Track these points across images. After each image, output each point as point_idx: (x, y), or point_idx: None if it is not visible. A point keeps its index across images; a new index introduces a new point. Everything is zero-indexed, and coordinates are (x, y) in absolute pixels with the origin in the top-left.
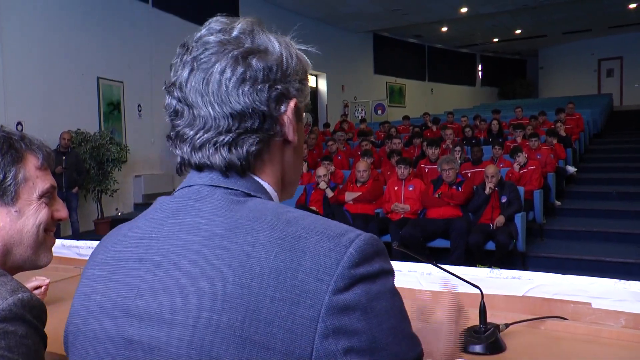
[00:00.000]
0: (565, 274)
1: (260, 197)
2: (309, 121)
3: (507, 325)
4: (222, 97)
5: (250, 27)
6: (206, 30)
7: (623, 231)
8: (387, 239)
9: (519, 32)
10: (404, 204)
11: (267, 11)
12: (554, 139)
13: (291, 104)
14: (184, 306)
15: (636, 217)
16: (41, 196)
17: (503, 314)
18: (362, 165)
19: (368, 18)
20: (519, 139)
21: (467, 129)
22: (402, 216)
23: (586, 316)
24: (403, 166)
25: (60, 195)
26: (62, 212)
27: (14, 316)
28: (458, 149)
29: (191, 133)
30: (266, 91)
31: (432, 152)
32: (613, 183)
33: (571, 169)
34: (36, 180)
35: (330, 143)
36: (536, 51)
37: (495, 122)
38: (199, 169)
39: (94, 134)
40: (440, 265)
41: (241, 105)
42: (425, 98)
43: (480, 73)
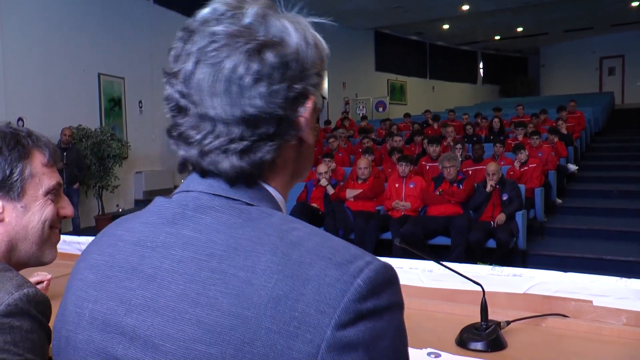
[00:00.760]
0: (566, 272)
1: (264, 207)
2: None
3: (508, 323)
4: (233, 98)
5: (263, 12)
6: (211, 13)
7: (624, 229)
8: (387, 236)
9: (520, 29)
10: (404, 201)
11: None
12: (556, 137)
13: (309, 104)
14: (175, 334)
15: (637, 215)
16: (47, 193)
17: (504, 312)
18: (363, 163)
19: (369, 15)
20: (520, 137)
21: (468, 127)
22: (402, 214)
23: (587, 314)
24: (404, 163)
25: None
26: (67, 209)
27: (19, 311)
28: (459, 146)
29: (198, 137)
30: (284, 92)
31: (433, 149)
32: (614, 181)
33: (572, 167)
34: (42, 176)
35: (331, 140)
36: (537, 49)
37: (496, 119)
38: (203, 173)
39: (95, 130)
40: (442, 262)
41: (256, 108)
42: (426, 95)
43: (482, 71)
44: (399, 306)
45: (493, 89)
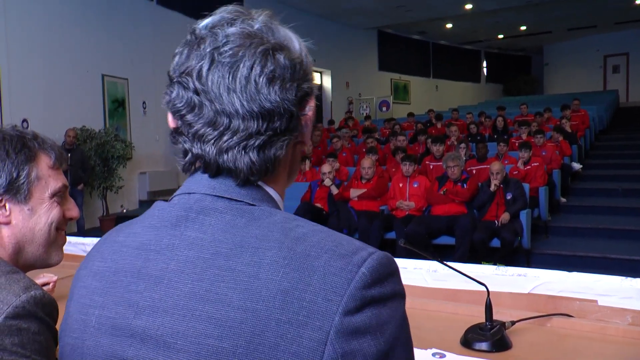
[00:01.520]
0: (570, 271)
1: (266, 207)
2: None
3: (513, 323)
4: (251, 94)
5: (269, 22)
6: (219, 20)
7: (629, 228)
8: (391, 235)
9: (523, 28)
10: (408, 201)
11: (272, 8)
12: (560, 135)
13: (312, 104)
14: (186, 331)
15: None
16: (53, 195)
17: (509, 312)
18: (367, 162)
19: (371, 15)
20: (524, 136)
21: (472, 126)
22: (406, 213)
23: (592, 314)
24: (408, 163)
25: None
26: (73, 211)
27: (27, 313)
28: (463, 145)
29: (215, 133)
30: (294, 90)
31: (436, 149)
32: (618, 180)
33: (576, 166)
34: (49, 179)
35: (334, 140)
36: (541, 48)
37: (500, 118)
38: (217, 171)
39: (99, 131)
40: (446, 262)
41: (271, 103)
42: (429, 95)
43: (485, 70)
44: (401, 295)
45: (496, 87)
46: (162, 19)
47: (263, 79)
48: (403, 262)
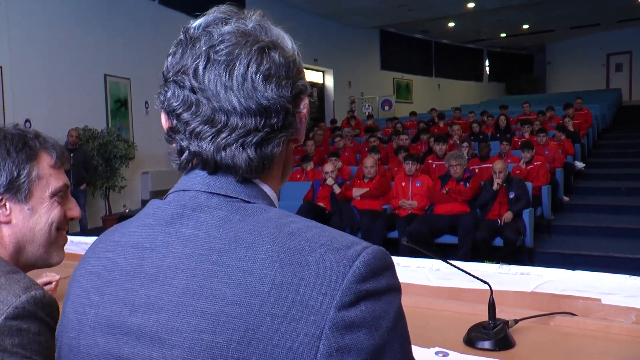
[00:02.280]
0: (573, 269)
1: (260, 204)
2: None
3: (516, 321)
4: (248, 91)
5: (262, 21)
6: (213, 19)
7: (632, 227)
8: (394, 235)
9: (526, 27)
10: (411, 200)
11: (274, 7)
12: (562, 134)
13: (306, 101)
14: (180, 327)
15: None
16: (54, 194)
17: (512, 310)
18: (370, 161)
19: (373, 14)
20: (526, 135)
21: (475, 125)
22: (409, 212)
23: (596, 312)
24: (410, 162)
25: None
26: (74, 210)
27: (27, 314)
28: (465, 144)
29: (213, 131)
30: (290, 87)
31: (439, 148)
32: (622, 178)
33: (579, 165)
34: (49, 178)
35: (337, 139)
36: (543, 46)
37: (502, 117)
38: (215, 168)
39: (102, 131)
40: (449, 261)
41: (268, 100)
42: (432, 94)
43: (487, 68)
44: (396, 289)
45: (499, 86)
46: (164, 18)
47: (259, 76)
48: (406, 260)
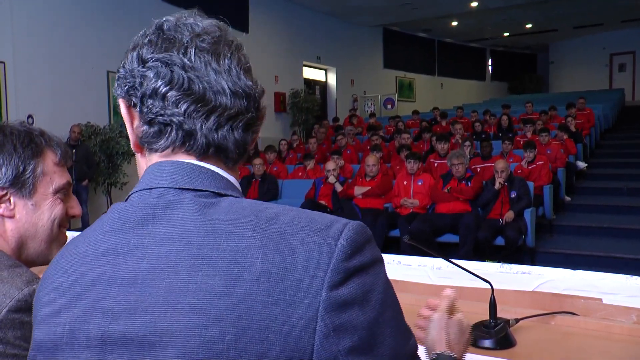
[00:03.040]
0: (575, 269)
1: (232, 196)
2: None
3: (517, 320)
4: (233, 78)
5: (215, 23)
6: (186, 16)
7: (633, 227)
8: (396, 233)
9: (529, 26)
10: (413, 198)
11: (277, 5)
12: (565, 134)
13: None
14: (170, 326)
15: None
16: (57, 191)
17: (513, 309)
18: (372, 160)
19: (377, 12)
20: (529, 134)
21: (477, 124)
22: (411, 211)
23: (597, 312)
24: (412, 161)
25: None
26: (76, 209)
27: (29, 307)
28: (467, 143)
29: (205, 110)
30: (258, 84)
31: (441, 146)
32: (624, 179)
33: (581, 165)
34: (53, 175)
35: (339, 137)
36: (547, 45)
37: (505, 117)
38: (206, 148)
39: (104, 127)
40: (450, 259)
41: (249, 88)
42: (434, 93)
43: (490, 68)
44: (380, 261)
45: (502, 86)
46: (167, 15)
47: (241, 69)
48: (407, 259)
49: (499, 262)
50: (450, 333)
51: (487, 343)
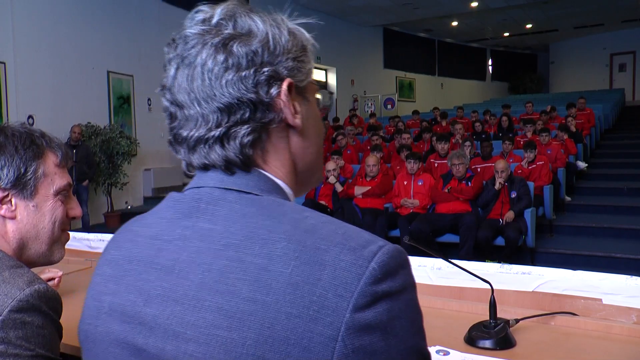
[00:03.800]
0: (575, 269)
1: (274, 197)
2: (327, 103)
3: (517, 321)
4: (206, 92)
5: (232, 11)
6: (188, 22)
7: (633, 227)
8: (396, 233)
9: (529, 26)
10: (413, 198)
11: (277, 4)
12: (565, 134)
13: (284, 85)
14: (196, 321)
15: None
16: (58, 192)
17: (513, 309)
18: (372, 160)
19: (378, 12)
20: (529, 134)
21: (477, 124)
22: (411, 211)
23: (597, 312)
24: (412, 161)
25: None
26: (76, 210)
27: (30, 307)
28: (468, 143)
29: (185, 134)
30: (252, 77)
31: (441, 147)
32: (624, 179)
33: (582, 165)
34: (54, 176)
35: (339, 137)
36: (547, 46)
37: (505, 117)
38: (205, 168)
39: (104, 127)
40: (450, 260)
41: (227, 97)
42: (435, 93)
43: (491, 68)
44: (412, 287)
45: (502, 86)
46: (168, 15)
47: (215, 73)
48: None
49: (499, 262)
50: None
51: (487, 343)
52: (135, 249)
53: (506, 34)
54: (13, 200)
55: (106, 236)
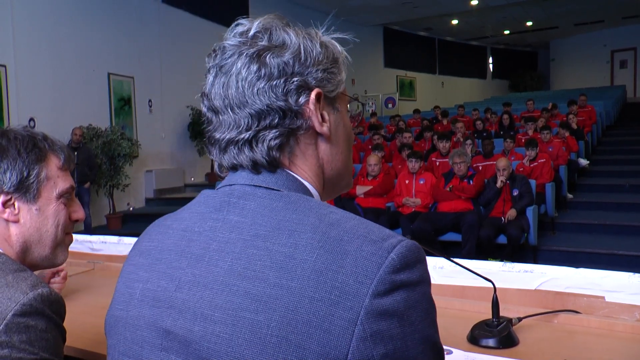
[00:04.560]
0: (577, 267)
1: (301, 194)
2: (357, 111)
3: (519, 319)
4: (240, 99)
5: (268, 24)
6: (228, 34)
7: (636, 224)
8: (398, 232)
9: (530, 24)
10: (414, 197)
11: (277, 5)
12: (566, 131)
13: (312, 94)
14: (224, 304)
15: None
16: (60, 195)
17: (515, 308)
18: (373, 159)
19: (378, 11)
20: (530, 132)
21: (478, 122)
22: (413, 210)
23: (600, 310)
24: (414, 160)
25: None
26: (79, 212)
27: (34, 311)
28: (469, 142)
29: (217, 136)
30: (282, 86)
31: (442, 145)
32: (626, 175)
33: (583, 162)
34: (57, 179)
35: None
36: (547, 43)
37: (506, 115)
38: (234, 169)
39: (105, 129)
40: (452, 258)
41: (258, 104)
42: (435, 91)
43: (491, 66)
44: (428, 281)
45: (503, 84)
46: (168, 17)
47: (248, 81)
48: None
49: (501, 260)
50: None
51: (489, 342)
52: (167, 240)
53: (506, 32)
54: (16, 204)
55: (108, 238)
